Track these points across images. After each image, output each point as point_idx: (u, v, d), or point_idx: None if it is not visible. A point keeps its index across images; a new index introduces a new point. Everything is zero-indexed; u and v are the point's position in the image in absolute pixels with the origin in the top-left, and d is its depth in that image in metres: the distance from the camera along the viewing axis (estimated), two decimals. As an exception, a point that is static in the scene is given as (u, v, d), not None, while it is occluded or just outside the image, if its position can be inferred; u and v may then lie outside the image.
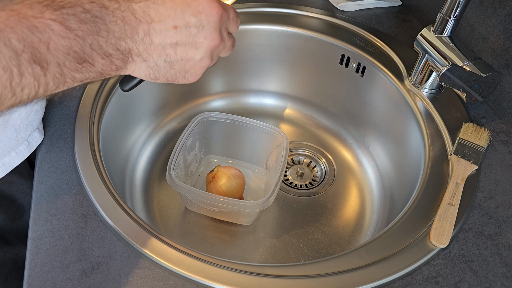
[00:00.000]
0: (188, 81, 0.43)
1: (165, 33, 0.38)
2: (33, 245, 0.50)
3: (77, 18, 0.32)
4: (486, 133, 0.64)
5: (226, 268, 0.49)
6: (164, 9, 0.37)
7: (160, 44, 0.38)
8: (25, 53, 0.30)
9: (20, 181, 0.64)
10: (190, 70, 0.41)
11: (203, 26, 0.39)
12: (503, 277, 0.50)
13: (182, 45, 0.39)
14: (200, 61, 0.41)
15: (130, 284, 0.47)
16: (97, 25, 0.34)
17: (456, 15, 0.64)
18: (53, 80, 0.32)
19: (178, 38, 0.38)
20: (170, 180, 0.61)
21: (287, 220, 0.73)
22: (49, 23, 0.31)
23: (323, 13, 0.87)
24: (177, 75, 0.41)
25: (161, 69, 0.40)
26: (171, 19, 0.37)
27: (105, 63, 0.35)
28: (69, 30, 0.32)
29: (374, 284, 0.49)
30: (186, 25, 0.38)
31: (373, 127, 0.82)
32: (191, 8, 0.38)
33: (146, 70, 0.39)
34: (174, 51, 0.39)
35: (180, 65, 0.40)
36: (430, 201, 0.57)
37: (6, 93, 0.30)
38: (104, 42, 0.34)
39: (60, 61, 0.32)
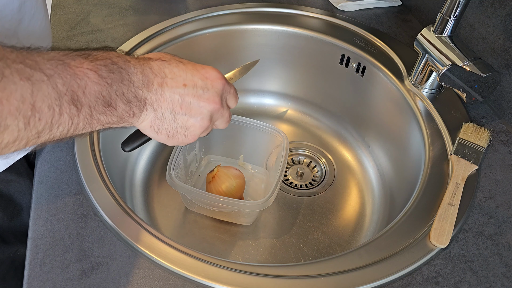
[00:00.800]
0: (187, 139, 0.47)
1: (175, 89, 0.44)
2: (33, 245, 0.50)
3: (107, 68, 0.39)
4: (486, 133, 0.64)
5: (226, 268, 0.49)
6: (177, 70, 0.44)
7: (169, 96, 0.44)
8: (66, 96, 0.35)
9: (17, 180, 0.64)
10: (190, 128, 0.46)
11: (208, 89, 0.46)
12: (503, 277, 0.50)
13: (188, 102, 0.45)
14: (201, 120, 0.46)
15: (130, 284, 0.47)
16: (122, 75, 0.40)
17: (456, 15, 0.64)
18: (83, 121, 0.38)
19: (185, 94, 0.44)
20: (170, 180, 0.61)
21: (287, 220, 0.73)
22: (87, 72, 0.37)
23: (323, 13, 0.87)
24: (178, 130, 0.46)
25: (166, 121, 0.45)
26: (181, 78, 0.44)
27: (125, 108, 0.41)
28: (101, 78, 0.38)
29: (374, 284, 0.49)
30: (194, 85, 0.45)
31: (373, 127, 0.82)
32: (200, 74, 0.45)
33: (152, 120, 0.44)
34: (180, 105, 0.44)
35: (183, 121, 0.45)
36: (430, 201, 0.57)
37: (46, 129, 0.35)
38: (126, 90, 0.40)
39: (92, 104, 0.37)
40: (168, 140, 0.47)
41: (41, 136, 0.35)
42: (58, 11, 0.83)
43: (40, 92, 0.33)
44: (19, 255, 0.64)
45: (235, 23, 0.83)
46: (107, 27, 0.80)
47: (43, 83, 0.33)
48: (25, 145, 0.35)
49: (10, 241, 0.65)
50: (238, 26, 0.83)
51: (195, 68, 0.46)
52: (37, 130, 0.34)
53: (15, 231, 0.65)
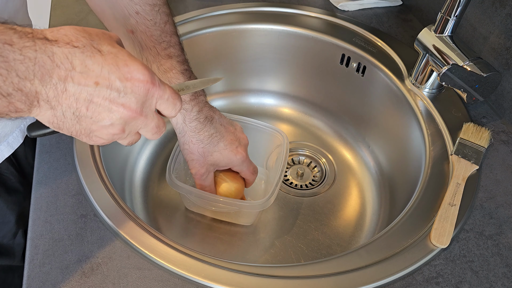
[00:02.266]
0: (92, 142, 0.39)
1: (83, 86, 0.35)
2: (32, 246, 0.50)
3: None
4: (487, 133, 0.64)
5: (226, 268, 0.49)
6: (91, 62, 0.35)
7: (74, 95, 0.35)
8: None
9: None
10: (96, 131, 0.38)
11: (125, 93, 0.36)
12: (504, 277, 0.50)
13: (96, 104, 0.36)
14: (110, 126, 0.37)
15: (130, 284, 0.47)
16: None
17: (456, 15, 0.64)
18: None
19: (95, 95, 0.35)
20: (170, 180, 0.61)
21: (287, 220, 0.73)
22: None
23: (324, 13, 0.87)
24: (82, 131, 0.38)
25: (67, 121, 0.36)
26: (94, 74, 0.35)
27: (2, 103, 0.32)
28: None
29: (375, 285, 0.49)
30: (108, 86, 0.35)
31: (374, 127, 0.82)
32: (119, 72, 0.36)
33: (50, 118, 0.36)
34: (86, 106, 0.36)
35: (88, 123, 0.37)
36: (430, 201, 0.57)
37: None
38: (2, 81, 0.31)
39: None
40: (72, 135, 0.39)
41: None
42: (58, 11, 0.83)
43: None
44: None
45: (235, 23, 0.83)
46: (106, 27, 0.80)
47: None
48: None
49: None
50: (238, 26, 0.83)
51: (115, 63, 0.36)
52: None
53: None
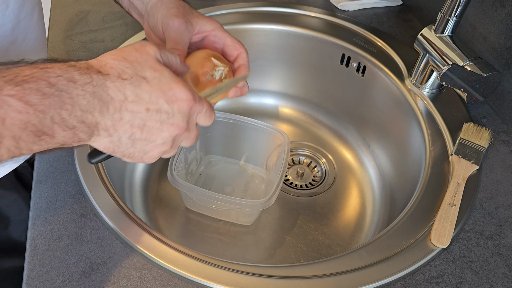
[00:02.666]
0: (143, 161, 0.43)
1: (136, 114, 0.38)
2: (32, 246, 0.49)
3: (39, 92, 0.32)
4: (487, 133, 0.64)
5: (226, 268, 0.49)
6: (140, 91, 0.38)
7: (129, 122, 0.38)
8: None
9: (4, 193, 0.64)
10: (149, 152, 0.42)
11: (173, 114, 0.40)
12: (504, 277, 0.50)
13: (149, 128, 0.40)
14: (162, 145, 0.41)
15: (130, 284, 0.47)
16: (61, 98, 0.34)
17: (456, 15, 0.64)
18: (7, 153, 0.32)
19: (147, 120, 0.39)
20: (172, 178, 0.61)
21: (287, 220, 0.73)
22: (6, 99, 0.31)
23: (324, 13, 0.87)
24: (135, 154, 0.41)
25: (122, 145, 0.40)
26: (144, 102, 0.38)
27: (67, 135, 0.35)
28: (28, 105, 0.32)
29: (375, 285, 0.49)
30: (158, 110, 0.39)
31: (374, 127, 0.82)
32: (166, 96, 0.39)
33: (107, 144, 0.39)
34: (141, 130, 0.39)
35: (142, 145, 0.41)
36: (430, 201, 0.57)
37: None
38: (68, 115, 0.34)
39: (16, 135, 0.32)
40: (124, 158, 0.42)
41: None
42: (57, 11, 0.83)
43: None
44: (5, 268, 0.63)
45: (235, 23, 0.83)
46: (106, 26, 0.80)
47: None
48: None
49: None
50: (238, 26, 0.83)
51: (160, 89, 0.39)
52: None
53: (2, 245, 0.64)
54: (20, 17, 0.50)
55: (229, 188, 0.75)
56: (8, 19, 0.48)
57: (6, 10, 0.47)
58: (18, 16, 0.49)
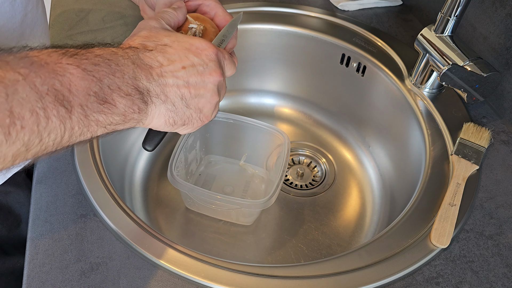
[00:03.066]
0: (202, 122, 0.45)
1: (176, 74, 0.41)
2: (32, 246, 0.49)
3: (90, 61, 0.34)
4: (487, 133, 0.64)
5: (226, 268, 0.49)
6: (169, 55, 0.41)
7: (174, 84, 0.41)
8: (48, 96, 0.31)
9: (16, 191, 0.64)
10: (204, 108, 0.44)
11: (206, 64, 0.43)
12: (504, 277, 0.50)
13: (194, 83, 0.42)
14: (211, 97, 0.44)
15: (130, 285, 0.47)
16: (111, 67, 0.36)
17: (456, 15, 0.64)
18: (78, 124, 0.33)
19: (188, 76, 0.41)
20: (172, 178, 0.61)
21: (287, 220, 0.73)
22: (67, 67, 0.33)
23: (324, 13, 0.87)
24: (193, 115, 0.43)
25: (179, 110, 0.42)
26: (178, 62, 0.41)
27: (127, 103, 0.36)
28: (85, 72, 0.33)
29: (375, 285, 0.49)
30: (192, 64, 0.42)
31: (374, 127, 0.82)
32: (191, 51, 0.42)
33: (165, 114, 0.41)
34: (188, 89, 0.42)
35: (195, 104, 0.43)
36: (430, 201, 0.57)
37: (33, 138, 0.30)
38: (121, 82, 0.36)
39: (83, 103, 0.33)
40: (184, 128, 0.44)
41: (30, 148, 0.30)
42: (57, 11, 0.83)
43: (16, 95, 0.29)
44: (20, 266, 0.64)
45: (235, 22, 0.83)
46: (106, 26, 0.80)
47: (18, 84, 0.29)
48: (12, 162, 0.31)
49: (10, 253, 0.65)
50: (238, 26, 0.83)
51: (184, 47, 0.42)
52: (23, 141, 0.29)
53: (15, 243, 0.65)
54: (27, 9, 0.50)
55: (229, 188, 0.75)
56: (17, 10, 0.48)
57: (15, 2, 0.48)
58: (26, 8, 0.50)
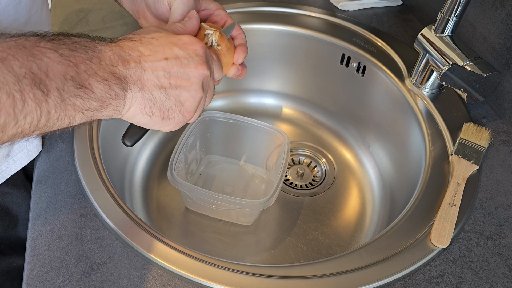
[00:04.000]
0: (183, 117, 0.43)
1: (157, 64, 0.40)
2: (32, 246, 0.49)
3: (68, 47, 0.35)
4: (487, 133, 0.64)
5: (226, 268, 0.49)
6: (152, 46, 0.40)
7: (153, 73, 0.40)
8: (26, 79, 0.31)
9: (14, 192, 0.64)
10: (185, 102, 0.42)
11: (191, 57, 0.42)
12: (504, 277, 0.50)
13: (175, 75, 0.41)
14: (194, 91, 0.42)
15: (130, 284, 0.47)
16: (87, 53, 0.36)
17: (456, 15, 0.64)
18: (54, 108, 0.33)
19: (170, 67, 0.40)
20: (172, 178, 0.61)
21: (287, 220, 0.73)
22: (45, 51, 0.33)
23: (324, 13, 0.87)
24: (173, 107, 0.42)
25: (157, 100, 0.40)
26: (160, 53, 0.40)
27: (104, 88, 0.36)
28: (63, 57, 0.34)
29: (375, 285, 0.49)
30: (176, 56, 0.41)
31: (374, 127, 0.82)
32: (178, 45, 0.42)
33: (142, 102, 0.40)
34: (168, 80, 0.40)
35: (175, 96, 0.41)
36: (430, 201, 0.57)
37: (9, 121, 0.31)
38: (98, 68, 0.36)
39: (59, 86, 0.33)
40: (163, 122, 0.42)
41: (6, 130, 0.31)
42: (57, 11, 0.83)
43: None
44: (16, 266, 0.64)
45: (235, 22, 0.83)
46: (106, 26, 0.80)
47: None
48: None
49: (6, 253, 0.65)
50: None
51: (170, 41, 0.41)
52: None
53: (11, 243, 0.65)
54: (32, 11, 0.51)
55: (229, 188, 0.75)
56: (22, 13, 0.49)
57: (19, 4, 0.48)
58: (30, 11, 0.50)
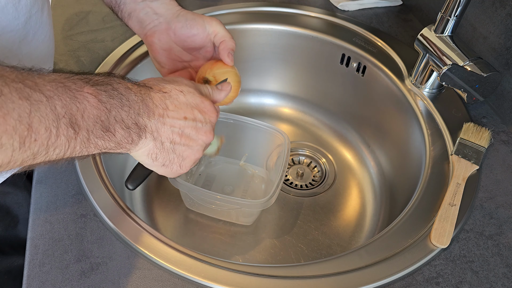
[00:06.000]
0: (180, 170, 0.48)
1: (176, 120, 0.45)
2: (32, 246, 0.49)
3: (107, 94, 0.39)
4: (487, 133, 0.64)
5: (226, 268, 0.49)
6: (178, 102, 0.45)
7: (170, 127, 0.45)
8: (65, 118, 0.35)
9: (15, 192, 0.65)
10: (187, 159, 0.47)
11: (206, 123, 0.48)
12: (504, 277, 0.50)
13: (187, 134, 0.46)
14: (197, 152, 0.48)
15: (130, 284, 0.47)
16: (122, 101, 0.40)
17: (456, 15, 0.64)
18: (80, 144, 0.37)
19: (185, 127, 0.46)
20: (172, 178, 0.61)
21: (287, 220, 0.73)
22: (86, 96, 0.37)
23: (324, 13, 0.87)
24: (175, 160, 0.47)
25: (164, 150, 0.45)
26: (182, 111, 0.45)
27: (124, 134, 0.40)
28: (100, 102, 0.38)
29: (375, 285, 0.49)
30: (194, 119, 0.46)
31: (374, 127, 0.82)
32: (199, 107, 0.47)
33: (151, 149, 0.45)
34: (180, 136, 0.45)
35: (180, 151, 0.46)
36: (430, 201, 0.57)
37: (41, 151, 0.34)
38: (126, 116, 0.40)
39: (90, 128, 0.37)
40: (162, 168, 0.47)
41: (36, 157, 0.35)
42: (58, 11, 0.83)
43: (38, 112, 0.33)
44: (16, 266, 0.64)
45: (235, 22, 0.83)
46: (106, 26, 0.80)
47: (41, 104, 0.33)
48: (18, 166, 0.34)
49: (7, 252, 0.66)
50: (238, 26, 0.83)
51: (195, 101, 0.47)
52: (32, 151, 0.34)
53: (12, 242, 0.66)
54: (32, 11, 0.51)
55: (229, 188, 0.75)
56: (22, 12, 0.49)
57: (19, 3, 0.49)
58: (30, 11, 0.51)
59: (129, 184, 0.53)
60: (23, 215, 0.66)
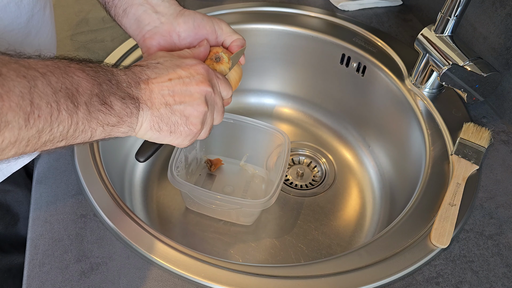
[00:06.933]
0: (190, 130, 0.47)
1: (162, 84, 0.45)
2: (32, 246, 0.49)
3: (93, 69, 0.40)
4: (487, 133, 0.64)
5: (226, 268, 0.49)
6: (158, 69, 0.46)
7: (159, 92, 0.44)
8: (61, 92, 0.36)
9: (15, 190, 0.65)
10: (190, 116, 0.46)
11: (193, 76, 0.46)
12: (504, 277, 0.50)
13: (178, 92, 0.45)
14: (197, 105, 0.46)
15: (130, 284, 0.47)
16: (107, 75, 0.41)
17: (456, 15, 0.64)
18: (82, 120, 0.38)
19: (173, 87, 0.45)
20: (172, 178, 0.61)
21: (287, 220, 0.73)
22: (75, 70, 0.39)
23: (324, 13, 0.87)
24: (178, 121, 0.46)
25: (164, 116, 0.45)
26: (165, 75, 0.45)
27: (122, 106, 0.41)
28: (89, 76, 0.39)
29: (375, 285, 0.49)
30: (179, 77, 0.46)
31: (374, 127, 0.82)
32: (180, 66, 0.47)
33: (151, 120, 0.44)
34: (173, 98, 0.45)
35: (180, 111, 0.45)
36: (430, 201, 0.57)
37: (46, 127, 0.35)
38: (116, 88, 0.41)
39: (87, 101, 0.38)
40: (172, 136, 0.46)
41: (42, 135, 0.36)
42: (58, 11, 0.83)
43: (37, 88, 0.34)
44: (17, 264, 0.64)
45: (235, 23, 0.83)
46: (106, 26, 0.80)
47: (38, 80, 0.35)
48: (25, 147, 0.35)
49: (7, 250, 0.66)
50: (238, 26, 0.83)
51: (174, 64, 0.46)
52: (37, 128, 0.35)
53: (12, 241, 0.66)
54: (34, 10, 0.52)
55: (229, 188, 0.75)
56: (24, 11, 0.50)
57: (21, 2, 0.49)
58: (33, 10, 0.51)
59: (139, 157, 0.52)
60: (23, 213, 0.66)
